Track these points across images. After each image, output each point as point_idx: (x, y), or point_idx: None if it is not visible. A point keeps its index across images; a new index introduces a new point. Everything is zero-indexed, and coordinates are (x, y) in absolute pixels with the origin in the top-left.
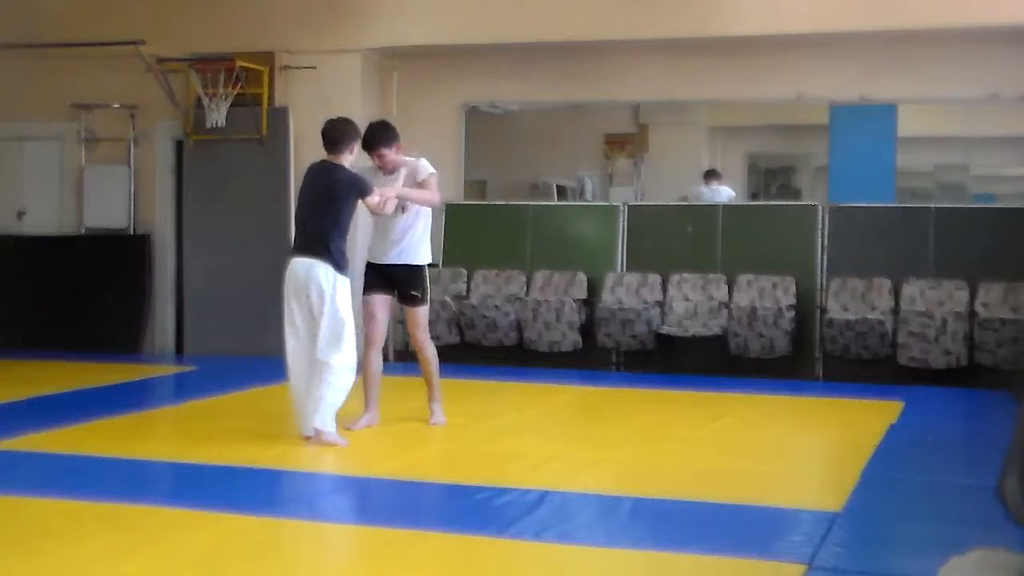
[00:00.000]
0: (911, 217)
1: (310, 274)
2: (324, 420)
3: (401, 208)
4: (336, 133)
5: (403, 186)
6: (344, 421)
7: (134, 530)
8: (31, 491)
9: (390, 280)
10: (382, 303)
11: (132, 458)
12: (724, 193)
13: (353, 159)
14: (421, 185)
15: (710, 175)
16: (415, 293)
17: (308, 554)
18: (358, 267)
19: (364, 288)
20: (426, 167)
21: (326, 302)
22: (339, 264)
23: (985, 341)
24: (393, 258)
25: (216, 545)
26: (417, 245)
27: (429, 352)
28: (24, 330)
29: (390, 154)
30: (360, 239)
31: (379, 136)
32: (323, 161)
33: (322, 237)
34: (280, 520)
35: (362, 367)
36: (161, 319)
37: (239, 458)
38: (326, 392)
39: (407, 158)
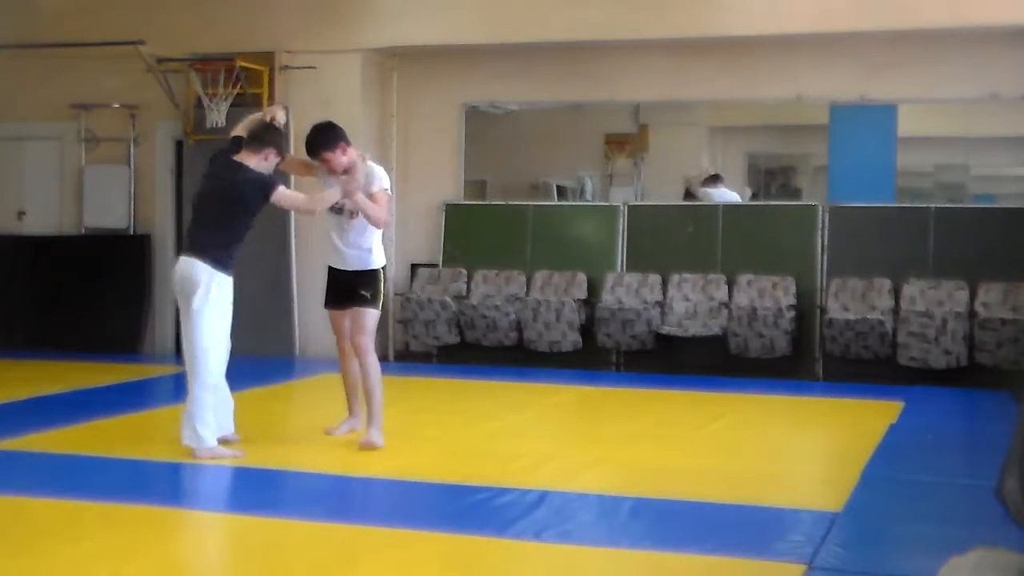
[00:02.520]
0: (911, 217)
1: (187, 273)
2: (191, 435)
3: (350, 213)
4: (259, 131)
5: (358, 190)
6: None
7: (134, 530)
8: (31, 491)
9: (347, 287)
10: (342, 316)
11: (132, 458)
12: (729, 195)
13: (267, 166)
14: (372, 198)
15: (714, 179)
16: (364, 293)
17: (308, 554)
18: (316, 276)
19: (325, 302)
20: (379, 179)
21: (195, 299)
22: (219, 262)
23: (985, 341)
24: (350, 264)
25: (216, 545)
26: (371, 249)
27: (370, 362)
28: (24, 330)
29: (335, 157)
30: (317, 245)
31: (319, 139)
32: (229, 157)
33: (208, 237)
34: (280, 520)
35: (341, 376)
36: (161, 319)
37: (239, 458)
38: (189, 404)
39: (361, 160)
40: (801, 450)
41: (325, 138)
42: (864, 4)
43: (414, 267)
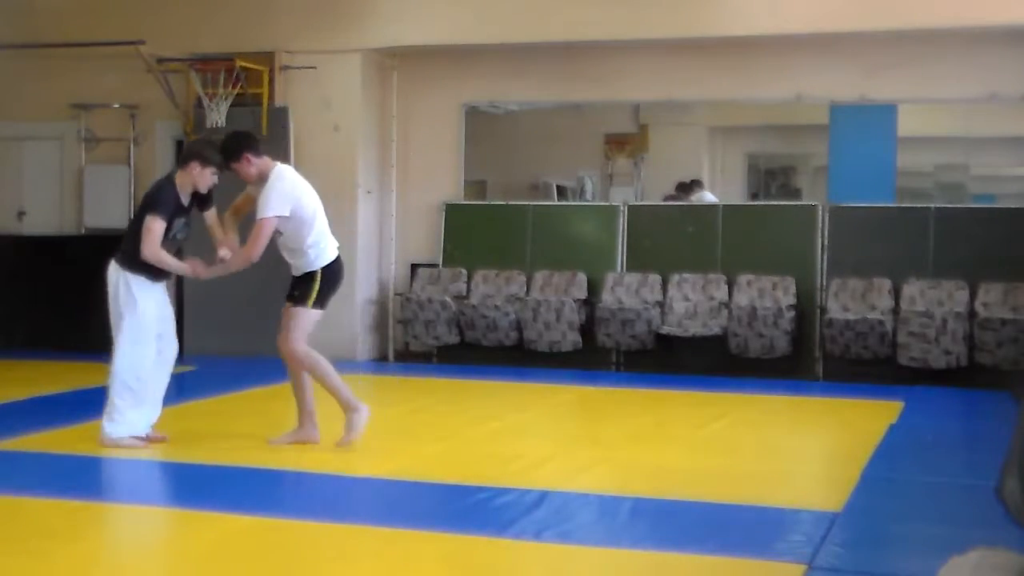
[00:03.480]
0: (911, 217)
1: (107, 274)
2: (107, 424)
3: (277, 231)
4: (188, 146)
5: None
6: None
7: (134, 530)
8: (31, 491)
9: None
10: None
11: (132, 458)
12: (707, 198)
13: (196, 177)
14: (256, 224)
15: (694, 184)
16: (294, 292)
17: (308, 554)
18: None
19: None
20: (269, 206)
21: (109, 298)
22: (128, 263)
23: (985, 341)
24: (293, 269)
25: (216, 545)
26: (305, 255)
27: (303, 359)
28: (24, 330)
29: (242, 168)
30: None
31: (223, 151)
32: (171, 171)
33: (124, 240)
34: (280, 520)
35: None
36: None
37: (239, 458)
38: (109, 391)
39: (271, 168)
40: (801, 450)
41: (228, 149)
42: (864, 4)
43: (414, 267)
